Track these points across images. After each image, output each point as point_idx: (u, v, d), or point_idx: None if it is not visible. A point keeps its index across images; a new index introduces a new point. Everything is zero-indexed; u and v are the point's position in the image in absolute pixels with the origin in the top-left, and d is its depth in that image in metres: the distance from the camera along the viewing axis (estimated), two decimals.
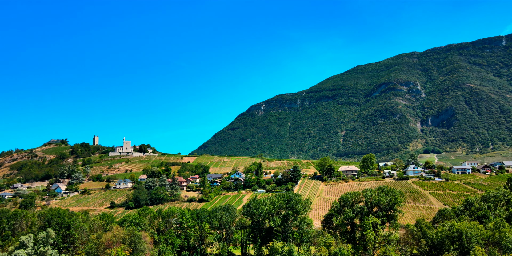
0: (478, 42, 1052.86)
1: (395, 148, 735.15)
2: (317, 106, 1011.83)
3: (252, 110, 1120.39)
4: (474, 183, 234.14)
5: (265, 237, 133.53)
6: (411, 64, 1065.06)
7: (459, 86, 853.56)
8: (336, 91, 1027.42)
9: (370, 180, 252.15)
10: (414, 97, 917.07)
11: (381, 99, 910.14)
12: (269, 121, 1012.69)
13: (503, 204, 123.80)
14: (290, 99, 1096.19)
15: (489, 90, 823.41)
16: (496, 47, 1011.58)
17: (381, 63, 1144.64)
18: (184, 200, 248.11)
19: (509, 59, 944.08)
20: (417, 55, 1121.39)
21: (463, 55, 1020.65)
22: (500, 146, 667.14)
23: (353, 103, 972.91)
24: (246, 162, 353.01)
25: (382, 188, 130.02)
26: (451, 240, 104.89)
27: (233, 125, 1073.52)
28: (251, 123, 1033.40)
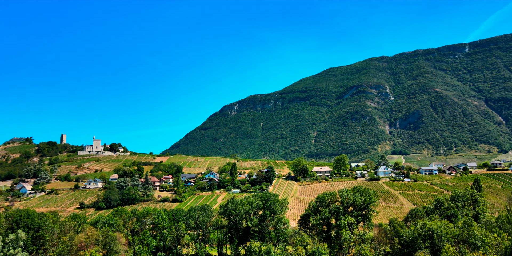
0: (443, 48, 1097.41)
1: (365, 150, 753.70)
2: (290, 107, 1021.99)
3: (225, 110, 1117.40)
4: (440, 184, 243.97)
5: (242, 237, 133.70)
6: (380, 68, 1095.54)
7: (425, 90, 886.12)
8: (309, 93, 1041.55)
9: (343, 180, 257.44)
10: (383, 100, 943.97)
11: (352, 102, 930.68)
12: (242, 121, 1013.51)
13: (470, 203, 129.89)
14: (263, 99, 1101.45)
15: (453, 94, 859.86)
16: (460, 53, 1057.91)
17: (352, 66, 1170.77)
18: (158, 200, 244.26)
19: (471, 65, 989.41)
20: (386, 59, 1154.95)
21: (429, 61, 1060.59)
22: (463, 149, 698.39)
23: (325, 105, 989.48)
24: (220, 162, 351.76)
25: (357, 188, 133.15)
26: (423, 239, 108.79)
27: (206, 125, 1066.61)
28: (224, 123, 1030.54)
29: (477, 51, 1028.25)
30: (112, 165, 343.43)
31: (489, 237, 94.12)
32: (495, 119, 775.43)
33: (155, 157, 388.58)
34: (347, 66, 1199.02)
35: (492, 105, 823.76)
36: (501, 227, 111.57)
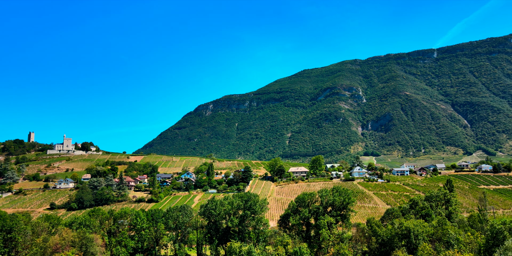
0: (413, 53, 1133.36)
1: (338, 151, 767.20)
2: (265, 108, 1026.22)
3: (199, 109, 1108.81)
4: (412, 184, 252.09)
5: (222, 237, 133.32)
6: (353, 70, 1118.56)
7: (396, 94, 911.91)
8: (283, 94, 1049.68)
9: (319, 181, 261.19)
10: (356, 102, 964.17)
11: (326, 103, 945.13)
12: (217, 121, 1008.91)
13: (443, 203, 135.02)
14: (238, 100, 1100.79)
15: (422, 98, 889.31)
16: (429, 59, 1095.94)
17: (327, 68, 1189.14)
18: (133, 201, 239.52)
19: (439, 70, 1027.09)
20: (359, 62, 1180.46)
21: (400, 65, 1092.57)
22: (431, 150, 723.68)
23: (299, 106, 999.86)
24: (196, 162, 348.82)
25: (337, 189, 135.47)
26: (400, 238, 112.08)
27: (180, 124, 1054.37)
28: (199, 123, 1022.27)
29: (445, 56, 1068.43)
30: (84, 164, 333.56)
31: (463, 236, 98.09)
32: (461, 123, 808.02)
33: (129, 156, 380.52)
34: (321, 68, 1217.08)
35: (458, 109, 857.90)
36: (472, 226, 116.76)
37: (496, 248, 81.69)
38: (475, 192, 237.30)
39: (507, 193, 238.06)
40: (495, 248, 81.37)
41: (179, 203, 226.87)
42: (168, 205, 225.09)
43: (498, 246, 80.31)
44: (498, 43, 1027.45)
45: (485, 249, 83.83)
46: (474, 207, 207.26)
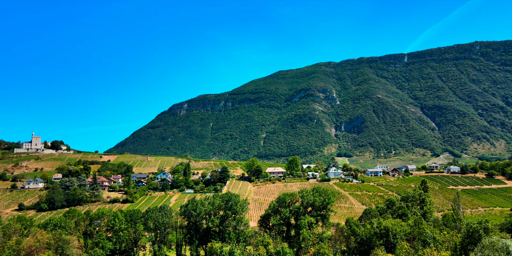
0: (385, 57, 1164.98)
1: (312, 151, 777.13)
2: (240, 108, 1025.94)
3: (174, 109, 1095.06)
4: (385, 185, 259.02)
5: (202, 238, 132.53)
6: (328, 73, 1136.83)
7: (368, 96, 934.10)
8: (259, 94, 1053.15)
9: (296, 181, 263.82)
10: (330, 104, 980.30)
11: (300, 104, 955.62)
12: (191, 121, 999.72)
13: (418, 203, 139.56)
14: (213, 99, 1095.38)
15: (393, 101, 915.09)
16: (400, 63, 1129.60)
17: (301, 70, 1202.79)
18: (107, 201, 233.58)
19: (409, 74, 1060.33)
20: (333, 65, 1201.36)
21: (373, 68, 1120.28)
22: (401, 152, 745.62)
23: (274, 107, 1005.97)
24: (172, 162, 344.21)
25: (317, 189, 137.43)
26: (379, 237, 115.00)
27: (154, 123, 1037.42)
28: (173, 122, 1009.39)
29: (415, 61, 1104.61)
30: (54, 163, 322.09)
31: (440, 235, 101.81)
32: (429, 125, 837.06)
33: (101, 156, 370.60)
34: (296, 69, 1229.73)
35: (426, 112, 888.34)
36: (446, 225, 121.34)
37: (471, 246, 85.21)
38: (445, 193, 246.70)
39: (474, 193, 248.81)
40: (471, 246, 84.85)
41: (155, 204, 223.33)
42: (144, 205, 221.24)
43: (474, 244, 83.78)
44: (464, 50, 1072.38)
45: (461, 247, 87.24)
46: (444, 207, 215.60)
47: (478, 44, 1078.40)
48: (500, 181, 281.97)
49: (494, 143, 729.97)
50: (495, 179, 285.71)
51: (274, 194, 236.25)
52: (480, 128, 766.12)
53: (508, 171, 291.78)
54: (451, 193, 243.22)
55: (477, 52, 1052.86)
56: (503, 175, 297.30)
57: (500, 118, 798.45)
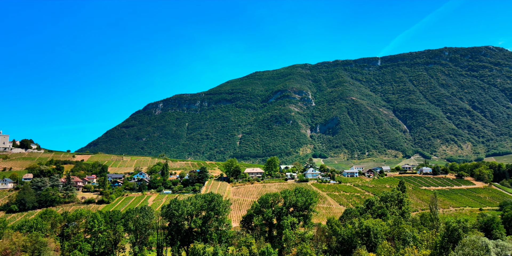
0: (359, 60, 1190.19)
1: (287, 152, 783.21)
2: (216, 108, 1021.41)
3: (149, 108, 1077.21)
4: (362, 185, 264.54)
5: (184, 239, 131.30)
6: (304, 74, 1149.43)
7: (343, 98, 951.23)
8: (235, 95, 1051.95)
9: (274, 181, 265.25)
10: (306, 105, 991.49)
11: (277, 105, 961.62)
12: (167, 120, 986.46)
13: (397, 203, 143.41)
14: (189, 99, 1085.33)
15: (366, 103, 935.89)
16: (373, 66, 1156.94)
17: (278, 71, 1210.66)
18: (81, 202, 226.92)
19: (382, 78, 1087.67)
20: (309, 66, 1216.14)
21: (347, 71, 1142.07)
22: (374, 153, 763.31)
23: (250, 108, 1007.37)
24: (148, 162, 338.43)
25: (299, 190, 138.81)
26: (360, 236, 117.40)
27: (128, 123, 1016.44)
28: (148, 122, 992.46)
29: (388, 65, 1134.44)
30: (24, 163, 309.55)
31: (420, 234, 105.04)
32: (401, 128, 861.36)
33: (74, 155, 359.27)
34: (272, 71, 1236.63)
35: (398, 114, 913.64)
36: (424, 224, 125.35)
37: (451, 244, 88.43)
38: (418, 193, 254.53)
39: (445, 193, 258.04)
40: (450, 245, 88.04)
41: (132, 204, 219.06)
42: (120, 206, 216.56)
43: (453, 243, 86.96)
44: (434, 55, 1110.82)
45: (441, 246, 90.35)
46: (418, 207, 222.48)
47: (447, 50, 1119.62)
48: (469, 182, 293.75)
49: (462, 145, 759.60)
50: (464, 180, 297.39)
51: (253, 195, 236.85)
52: (448, 131, 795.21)
53: (476, 172, 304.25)
54: (424, 194, 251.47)
55: (446, 58, 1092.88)
56: (471, 176, 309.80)
57: (467, 122, 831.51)
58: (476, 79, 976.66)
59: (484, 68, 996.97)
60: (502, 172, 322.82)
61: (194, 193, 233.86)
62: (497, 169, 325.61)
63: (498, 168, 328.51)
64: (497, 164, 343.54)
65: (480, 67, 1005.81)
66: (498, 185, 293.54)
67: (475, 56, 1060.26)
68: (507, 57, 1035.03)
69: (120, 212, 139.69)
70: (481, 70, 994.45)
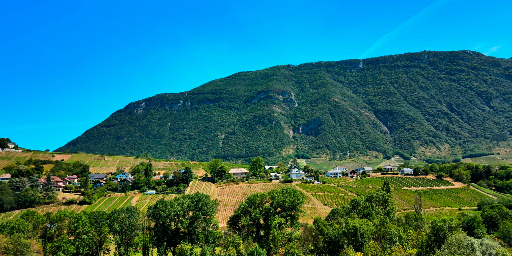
0: (341, 62, 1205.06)
1: (270, 153, 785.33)
2: (199, 108, 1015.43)
3: (130, 107, 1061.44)
4: (345, 186, 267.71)
5: (171, 239, 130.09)
6: (287, 75, 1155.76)
7: (325, 99, 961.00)
8: (218, 95, 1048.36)
9: (259, 182, 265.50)
10: (289, 106, 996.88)
11: (260, 106, 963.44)
12: (149, 120, 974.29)
13: (382, 203, 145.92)
14: (172, 99, 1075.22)
15: (348, 105, 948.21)
16: (355, 68, 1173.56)
17: (261, 72, 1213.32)
18: (62, 203, 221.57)
19: (364, 80, 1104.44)
20: (292, 68, 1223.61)
21: (330, 73, 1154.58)
22: (355, 154, 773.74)
23: (233, 108, 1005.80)
24: (131, 162, 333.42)
25: (286, 190, 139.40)
26: (347, 236, 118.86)
27: (109, 122, 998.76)
28: (129, 121, 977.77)
29: (369, 67, 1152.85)
30: (1, 163, 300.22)
31: (406, 233, 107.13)
32: (382, 129, 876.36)
33: (54, 155, 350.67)
34: (256, 71, 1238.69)
35: (379, 116, 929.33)
36: (409, 223, 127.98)
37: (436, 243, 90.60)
38: (400, 193, 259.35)
39: (426, 194, 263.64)
40: (436, 244, 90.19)
41: (115, 205, 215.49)
42: (103, 207, 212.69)
43: (439, 242, 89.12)
44: (414, 58, 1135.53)
45: (427, 245, 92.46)
46: (400, 207, 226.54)
47: (426, 54, 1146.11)
48: (448, 182, 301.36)
49: (440, 146, 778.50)
50: (444, 181, 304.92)
51: (238, 195, 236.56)
52: (427, 133, 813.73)
53: (455, 173, 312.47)
54: (406, 194, 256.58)
55: (426, 61, 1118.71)
56: (450, 177, 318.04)
57: (445, 124, 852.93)
58: (454, 82, 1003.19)
59: (462, 72, 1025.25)
60: (479, 173, 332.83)
61: (178, 194, 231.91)
62: (475, 170, 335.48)
63: (475, 169, 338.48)
64: (474, 165, 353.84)
65: (457, 71, 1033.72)
66: (476, 186, 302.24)
67: (453, 60, 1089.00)
68: (483, 61, 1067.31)
69: (105, 213, 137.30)
70: (459, 74, 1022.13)
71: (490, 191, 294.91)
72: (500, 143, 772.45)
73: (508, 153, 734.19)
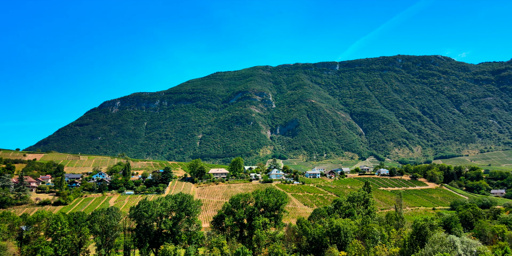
0: (319, 64, 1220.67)
1: (248, 153, 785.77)
2: (176, 108, 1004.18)
3: (105, 106, 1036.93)
4: (324, 186, 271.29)
5: (153, 240, 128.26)
6: (265, 76, 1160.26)
7: (303, 101, 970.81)
8: (196, 95, 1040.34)
9: (239, 182, 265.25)
10: (266, 107, 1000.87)
11: (237, 106, 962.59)
12: (124, 119, 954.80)
13: (363, 203, 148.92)
14: (149, 98, 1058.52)
15: (325, 106, 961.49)
16: (332, 70, 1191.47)
17: (239, 72, 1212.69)
18: (36, 204, 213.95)
19: (340, 82, 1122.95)
20: (270, 69, 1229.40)
21: (307, 74, 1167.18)
22: (332, 155, 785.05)
23: (211, 108, 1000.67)
24: (108, 162, 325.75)
25: (270, 190, 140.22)
26: (331, 235, 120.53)
27: (82, 121, 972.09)
28: (104, 120, 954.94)
29: (346, 70, 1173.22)
30: None
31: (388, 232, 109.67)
32: (357, 131, 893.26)
33: (25, 154, 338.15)
34: (234, 71, 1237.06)
35: (355, 118, 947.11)
36: (390, 222, 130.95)
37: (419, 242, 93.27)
38: (377, 193, 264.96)
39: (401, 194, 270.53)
40: (418, 242, 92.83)
41: (92, 206, 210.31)
42: (79, 207, 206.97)
43: (422, 241, 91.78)
44: (389, 62, 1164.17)
45: (410, 243, 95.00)
46: (377, 207, 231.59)
47: (400, 57, 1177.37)
48: (422, 183, 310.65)
49: (412, 148, 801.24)
50: (418, 181, 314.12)
51: (219, 195, 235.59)
52: (401, 135, 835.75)
53: (429, 174, 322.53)
54: (383, 194, 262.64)
55: (400, 65, 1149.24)
56: (424, 178, 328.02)
57: (418, 126, 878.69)
58: (426, 86, 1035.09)
59: (433, 76, 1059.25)
60: (451, 174, 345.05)
61: (158, 194, 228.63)
62: (447, 171, 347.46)
63: (447, 170, 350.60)
64: (446, 166, 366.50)
65: (429, 75, 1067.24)
66: (448, 186, 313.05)
67: (425, 64, 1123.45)
68: (454, 66, 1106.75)
69: (85, 214, 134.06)
70: (431, 78, 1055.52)
71: (462, 191, 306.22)
72: (468, 145, 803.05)
73: (476, 154, 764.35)
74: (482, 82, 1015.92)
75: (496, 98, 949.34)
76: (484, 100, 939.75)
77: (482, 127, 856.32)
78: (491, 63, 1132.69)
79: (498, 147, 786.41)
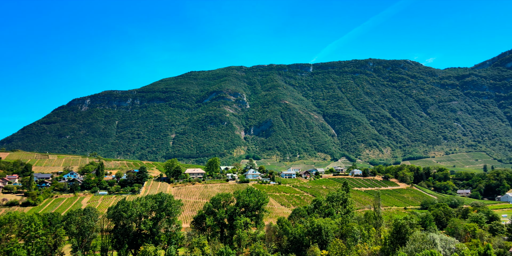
0: (293, 66, 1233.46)
1: (222, 153, 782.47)
2: (149, 107, 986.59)
3: (74, 104, 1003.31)
4: (300, 186, 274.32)
5: (132, 241, 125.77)
6: (239, 77, 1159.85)
7: (277, 102, 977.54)
8: (169, 94, 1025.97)
9: (216, 182, 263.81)
10: (240, 107, 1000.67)
11: (211, 106, 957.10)
12: (94, 117, 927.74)
13: (341, 202, 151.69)
14: (120, 96, 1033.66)
15: (299, 107, 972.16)
16: (306, 72, 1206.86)
17: (213, 72, 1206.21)
18: (3, 204, 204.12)
19: (314, 84, 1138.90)
20: (245, 69, 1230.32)
21: (281, 75, 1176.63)
22: (305, 156, 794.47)
23: (184, 107, 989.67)
24: (79, 161, 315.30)
25: (251, 190, 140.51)
26: (312, 235, 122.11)
27: (49, 119, 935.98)
28: (72, 119, 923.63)
29: (319, 72, 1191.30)
30: None
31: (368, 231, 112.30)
32: (330, 132, 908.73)
33: None
34: (208, 71, 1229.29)
35: (328, 119, 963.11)
36: (368, 221, 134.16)
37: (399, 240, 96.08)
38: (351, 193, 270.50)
39: (374, 193, 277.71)
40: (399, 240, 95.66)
41: (64, 206, 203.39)
42: (50, 208, 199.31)
43: (402, 239, 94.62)
44: (360, 65, 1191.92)
45: (391, 241, 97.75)
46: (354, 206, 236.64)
47: (371, 61, 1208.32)
48: (394, 183, 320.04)
49: (382, 149, 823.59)
50: (390, 182, 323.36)
51: (195, 195, 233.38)
52: (371, 136, 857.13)
53: (400, 175, 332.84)
54: (357, 194, 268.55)
55: (371, 68, 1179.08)
56: (396, 178, 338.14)
57: (387, 128, 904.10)
58: (396, 89, 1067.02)
59: (402, 80, 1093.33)
60: (420, 175, 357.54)
61: (133, 194, 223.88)
62: (416, 172, 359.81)
63: (417, 171, 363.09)
64: (415, 167, 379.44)
65: (399, 79, 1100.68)
66: (418, 186, 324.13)
67: (395, 68, 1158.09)
68: (422, 71, 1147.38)
69: (60, 215, 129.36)
70: (400, 81, 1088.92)
71: (430, 191, 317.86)
72: (435, 147, 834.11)
73: (441, 156, 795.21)
74: (447, 87, 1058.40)
75: (461, 102, 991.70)
76: (449, 104, 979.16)
77: (448, 130, 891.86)
78: (456, 68, 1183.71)
79: (462, 149, 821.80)
